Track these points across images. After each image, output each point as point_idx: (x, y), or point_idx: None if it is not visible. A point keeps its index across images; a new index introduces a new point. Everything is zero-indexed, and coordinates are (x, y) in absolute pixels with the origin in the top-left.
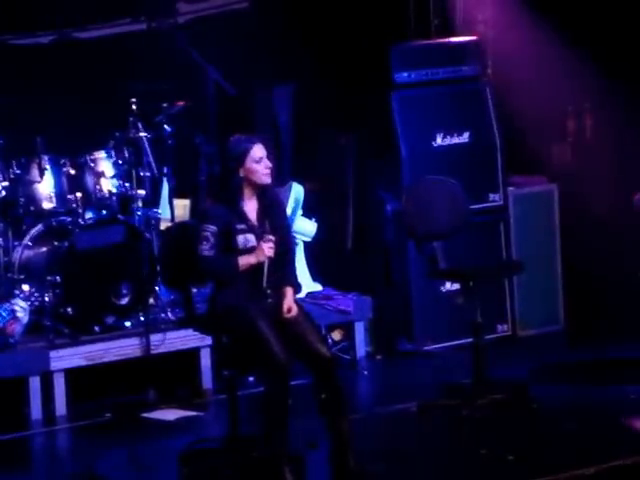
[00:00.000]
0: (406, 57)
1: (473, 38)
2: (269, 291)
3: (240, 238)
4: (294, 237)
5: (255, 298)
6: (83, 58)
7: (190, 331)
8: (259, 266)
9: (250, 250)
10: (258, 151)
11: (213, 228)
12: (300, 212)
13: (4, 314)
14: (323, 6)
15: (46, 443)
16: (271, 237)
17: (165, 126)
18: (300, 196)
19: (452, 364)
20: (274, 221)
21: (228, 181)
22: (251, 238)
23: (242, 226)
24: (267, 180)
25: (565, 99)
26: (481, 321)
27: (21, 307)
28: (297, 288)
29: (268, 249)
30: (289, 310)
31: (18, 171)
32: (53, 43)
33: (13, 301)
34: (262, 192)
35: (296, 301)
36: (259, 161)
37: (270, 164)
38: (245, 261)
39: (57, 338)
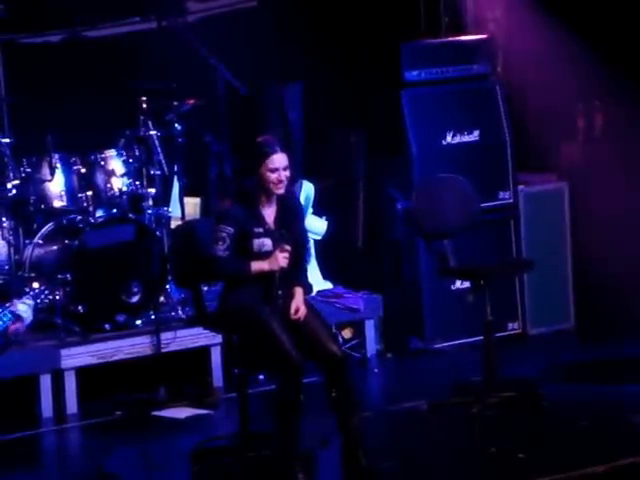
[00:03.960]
0: (416, 55)
1: (483, 36)
2: (280, 292)
3: (256, 242)
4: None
5: (266, 299)
6: (93, 57)
7: (200, 329)
8: (271, 272)
9: (265, 254)
10: (275, 161)
11: (230, 230)
12: (310, 210)
13: (5, 319)
14: (333, 4)
15: (57, 441)
16: (288, 247)
17: (175, 124)
18: (310, 194)
19: (462, 362)
20: (292, 228)
21: (245, 183)
22: (267, 242)
23: (259, 229)
24: (278, 191)
25: (575, 97)
26: (492, 319)
27: (25, 306)
28: (307, 289)
29: (283, 259)
30: (296, 311)
31: (29, 170)
32: (63, 42)
33: (15, 303)
34: (282, 198)
35: (307, 300)
36: (273, 171)
37: (285, 177)
38: (258, 267)
39: (68, 336)
